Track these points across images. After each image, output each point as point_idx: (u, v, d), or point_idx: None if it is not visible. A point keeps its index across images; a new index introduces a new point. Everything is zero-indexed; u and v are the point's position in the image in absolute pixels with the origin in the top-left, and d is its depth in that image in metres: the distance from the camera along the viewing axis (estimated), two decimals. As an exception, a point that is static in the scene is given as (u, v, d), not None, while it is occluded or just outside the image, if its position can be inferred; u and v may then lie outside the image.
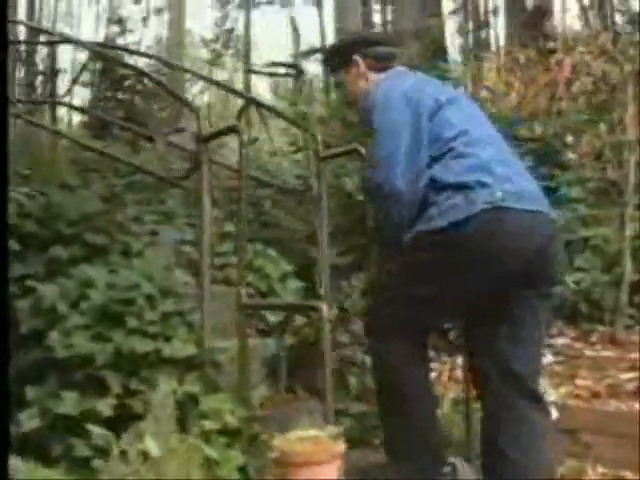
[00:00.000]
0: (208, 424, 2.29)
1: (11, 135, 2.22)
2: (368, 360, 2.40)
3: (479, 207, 2.11)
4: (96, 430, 2.17)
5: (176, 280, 2.70)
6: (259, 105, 4.31)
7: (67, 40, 4.59)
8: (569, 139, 5.09)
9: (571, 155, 5.05)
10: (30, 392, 2.34)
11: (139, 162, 4.32)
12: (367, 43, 2.60)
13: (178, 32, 19.65)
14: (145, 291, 2.67)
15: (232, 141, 4.75)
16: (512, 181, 2.20)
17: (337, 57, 2.69)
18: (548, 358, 4.43)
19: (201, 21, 16.80)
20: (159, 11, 22.12)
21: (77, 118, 9.59)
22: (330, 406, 2.00)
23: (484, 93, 5.75)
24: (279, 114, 3.98)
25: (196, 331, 2.46)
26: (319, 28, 21.40)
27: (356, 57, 2.55)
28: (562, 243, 2.54)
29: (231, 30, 23.34)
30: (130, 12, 21.10)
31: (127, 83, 9.26)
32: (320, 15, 21.59)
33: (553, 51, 6.14)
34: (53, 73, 4.06)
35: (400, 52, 2.77)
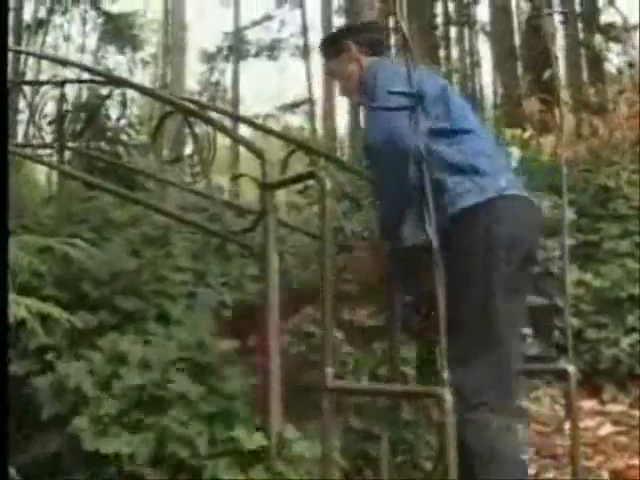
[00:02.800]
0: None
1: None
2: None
3: (489, 195, 2.15)
4: None
5: (227, 352, 2.26)
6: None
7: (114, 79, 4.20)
8: (624, 190, 4.77)
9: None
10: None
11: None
12: (359, 30, 2.71)
13: (163, 83, 19.41)
14: (190, 367, 2.24)
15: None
16: (507, 171, 2.34)
17: (331, 45, 2.72)
18: (607, 428, 4.05)
19: (186, 73, 16.49)
20: (146, 63, 21.97)
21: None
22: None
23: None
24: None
25: (261, 414, 2.01)
26: (306, 79, 21.50)
27: (349, 43, 2.60)
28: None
29: (217, 83, 23.28)
30: (116, 63, 20.96)
31: (110, 134, 8.93)
32: (307, 67, 21.69)
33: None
34: (61, 115, 3.63)
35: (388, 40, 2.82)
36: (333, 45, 2.69)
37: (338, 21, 20.40)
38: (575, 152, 4.93)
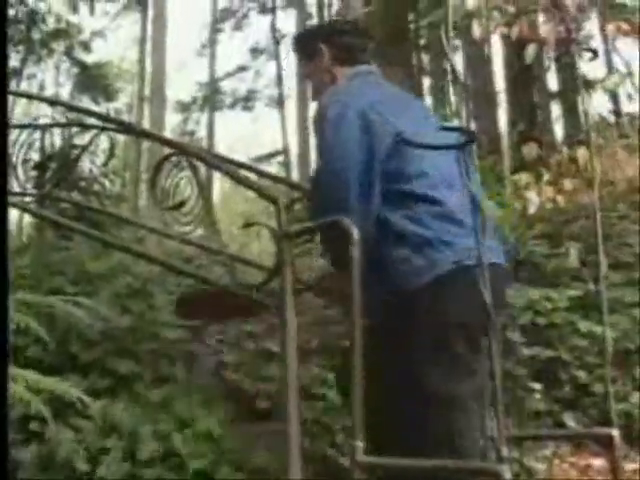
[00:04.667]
0: None
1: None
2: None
3: (444, 269, 1.87)
4: None
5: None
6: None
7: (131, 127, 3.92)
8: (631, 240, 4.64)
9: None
10: None
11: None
12: (334, 31, 2.41)
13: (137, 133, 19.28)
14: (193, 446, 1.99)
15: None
16: (476, 233, 1.82)
17: (304, 45, 2.47)
18: (622, 490, 3.80)
19: (161, 123, 16.41)
20: (120, 113, 21.82)
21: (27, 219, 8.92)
22: None
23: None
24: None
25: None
26: (281, 128, 21.52)
27: (321, 46, 2.33)
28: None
29: (192, 133, 23.20)
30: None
31: (84, 184, 8.75)
32: (282, 115, 21.73)
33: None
34: (43, 162, 3.40)
35: (371, 46, 2.47)
36: (305, 46, 2.45)
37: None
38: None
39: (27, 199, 3.51)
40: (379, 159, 1.94)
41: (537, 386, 4.09)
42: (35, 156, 3.31)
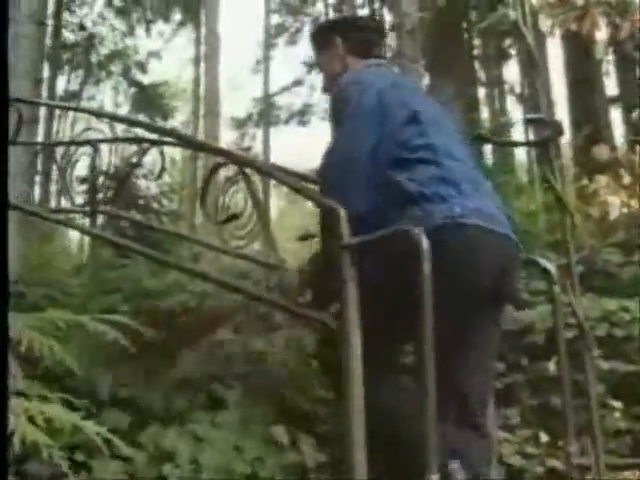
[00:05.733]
0: None
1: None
2: None
3: (437, 222, 1.95)
4: None
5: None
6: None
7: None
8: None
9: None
10: None
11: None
12: (349, 26, 2.55)
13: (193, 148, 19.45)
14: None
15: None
16: (475, 198, 2.07)
17: (319, 37, 2.60)
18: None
19: (216, 140, 16.63)
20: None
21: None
22: None
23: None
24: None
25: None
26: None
27: (336, 38, 2.47)
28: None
29: (248, 148, 23.33)
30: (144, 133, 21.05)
31: (142, 202, 8.82)
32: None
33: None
34: (94, 177, 3.33)
35: (385, 42, 2.67)
36: (321, 38, 2.57)
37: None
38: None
39: (77, 216, 3.48)
40: (391, 134, 2.09)
41: (616, 403, 3.83)
42: (83, 172, 3.24)
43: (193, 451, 1.90)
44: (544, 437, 3.25)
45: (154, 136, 2.90)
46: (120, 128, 3.86)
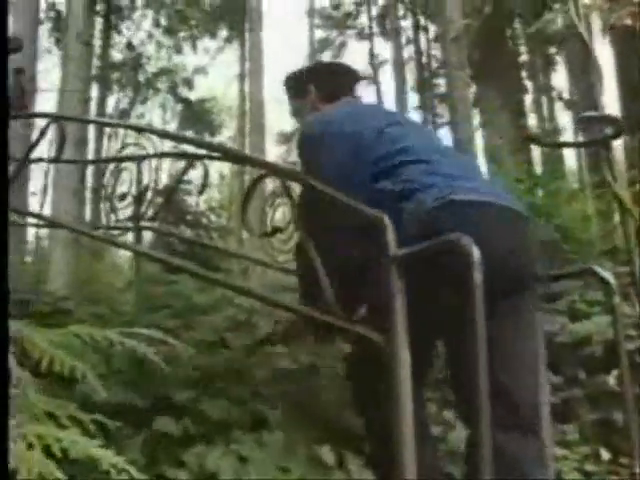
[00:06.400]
0: None
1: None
2: None
3: (430, 205, 1.92)
4: None
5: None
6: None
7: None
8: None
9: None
10: None
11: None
12: (322, 73, 2.64)
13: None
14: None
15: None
16: (471, 180, 2.07)
17: (294, 85, 2.65)
18: None
19: (262, 155, 16.71)
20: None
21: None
22: None
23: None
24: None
25: None
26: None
27: (309, 86, 2.54)
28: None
29: (294, 163, 23.37)
30: (194, 147, 21.28)
31: (190, 217, 8.85)
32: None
33: None
34: (140, 193, 3.30)
35: (359, 83, 2.69)
36: (296, 85, 2.63)
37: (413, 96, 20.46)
38: None
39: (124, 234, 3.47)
40: (365, 158, 2.11)
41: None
42: (125, 187, 3.23)
43: (237, 470, 1.84)
44: (605, 454, 3.10)
45: (201, 151, 2.87)
46: (168, 145, 3.86)
